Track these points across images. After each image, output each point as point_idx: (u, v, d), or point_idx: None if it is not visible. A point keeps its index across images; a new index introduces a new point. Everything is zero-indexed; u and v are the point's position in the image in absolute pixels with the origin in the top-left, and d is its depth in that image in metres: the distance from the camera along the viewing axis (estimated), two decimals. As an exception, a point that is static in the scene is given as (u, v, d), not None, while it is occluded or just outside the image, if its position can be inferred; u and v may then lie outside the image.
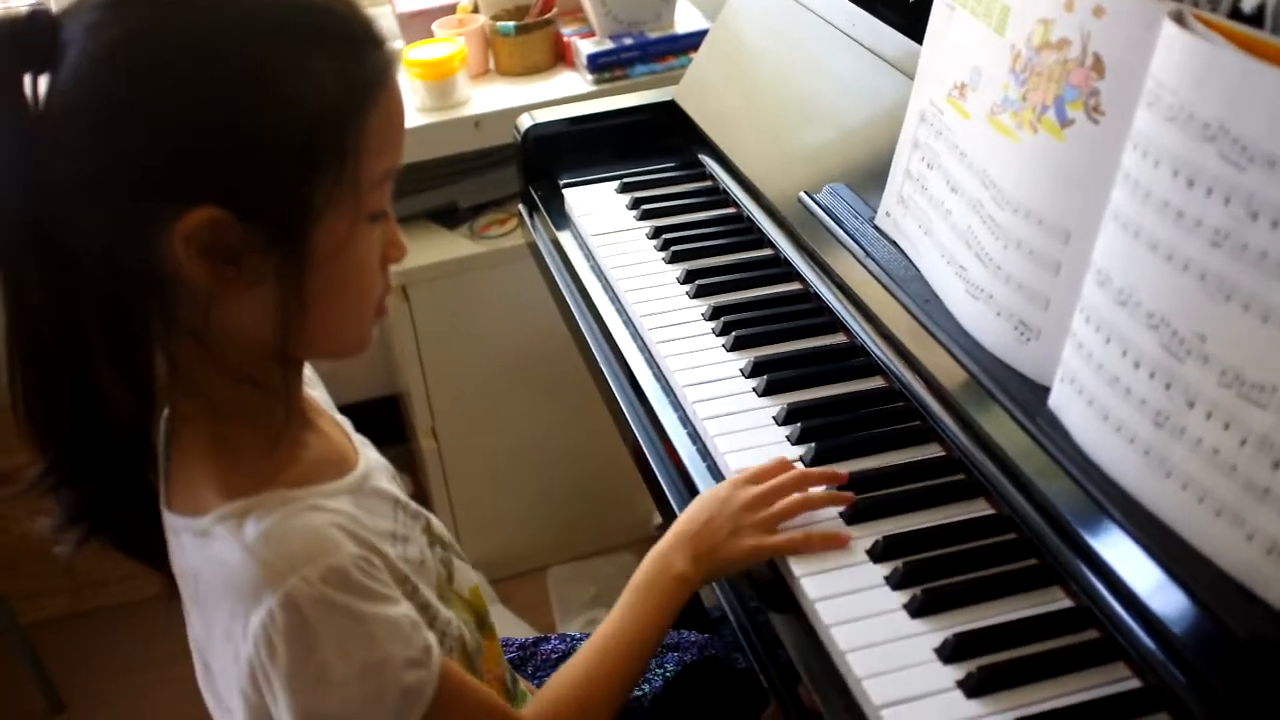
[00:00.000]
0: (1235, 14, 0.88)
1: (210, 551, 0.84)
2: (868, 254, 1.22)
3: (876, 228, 1.25)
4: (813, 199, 1.33)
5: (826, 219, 1.29)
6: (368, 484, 0.93)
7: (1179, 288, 0.83)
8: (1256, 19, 0.85)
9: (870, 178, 1.32)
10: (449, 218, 2.17)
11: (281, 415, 0.88)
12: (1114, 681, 0.87)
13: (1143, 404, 0.86)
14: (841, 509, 1.03)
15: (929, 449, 1.11)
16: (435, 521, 1.02)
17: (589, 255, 1.54)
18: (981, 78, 1.07)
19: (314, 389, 1.02)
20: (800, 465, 1.10)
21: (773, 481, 1.03)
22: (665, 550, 1.02)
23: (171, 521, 0.88)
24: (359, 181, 0.81)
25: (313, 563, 0.80)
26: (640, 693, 1.26)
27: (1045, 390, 0.99)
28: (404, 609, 0.85)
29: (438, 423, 2.18)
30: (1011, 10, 1.03)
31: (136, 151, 0.77)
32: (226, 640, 0.84)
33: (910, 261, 1.19)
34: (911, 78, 1.23)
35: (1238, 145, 0.78)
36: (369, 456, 0.97)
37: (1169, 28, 0.84)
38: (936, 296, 1.13)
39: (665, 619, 1.00)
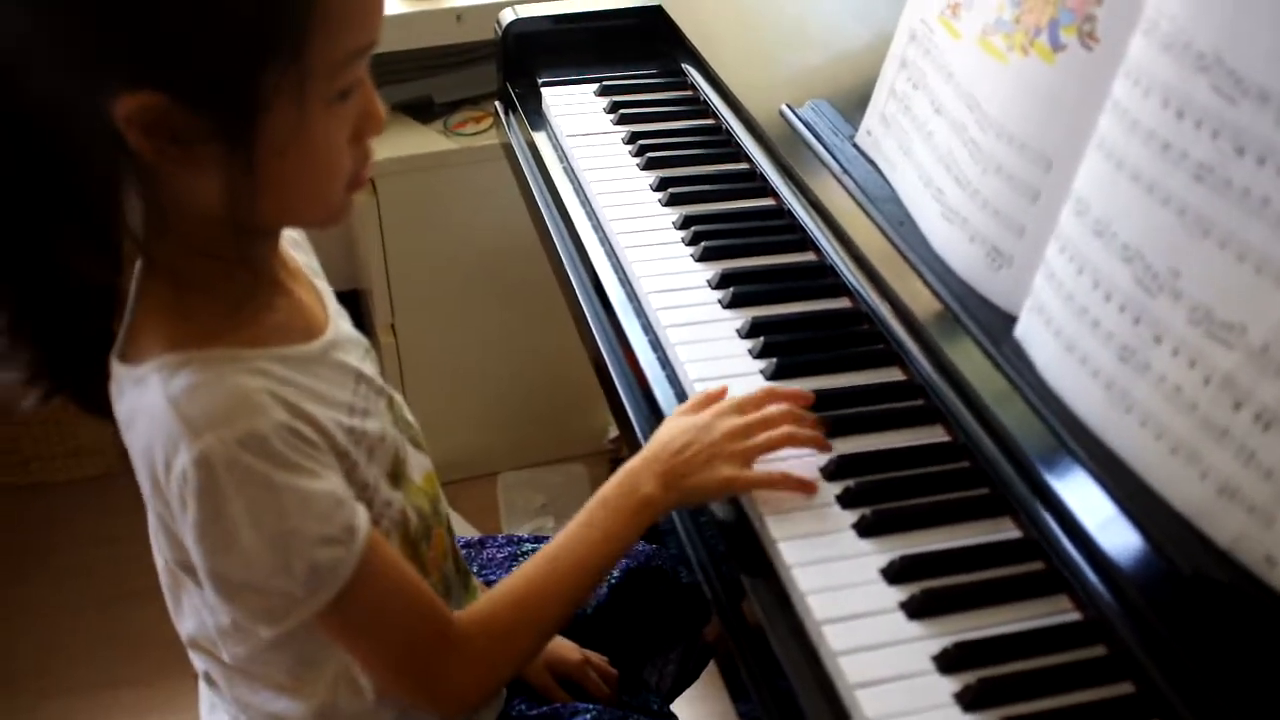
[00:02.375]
0: (1240, -55, 0.85)
1: (142, 400, 0.83)
2: (845, 171, 1.20)
3: (856, 146, 1.23)
4: (794, 113, 1.31)
5: (806, 134, 1.27)
6: (332, 354, 0.91)
7: (1158, 221, 0.81)
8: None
9: (855, 96, 1.29)
10: (423, 112, 2.12)
11: (247, 282, 0.86)
12: (1055, 613, 0.86)
13: (1110, 337, 0.85)
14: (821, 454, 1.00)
15: (890, 372, 1.10)
16: (399, 401, 1.01)
17: (563, 157, 1.51)
18: (976, -3, 1.04)
19: (299, 252, 1.00)
20: (763, 380, 1.09)
21: (757, 414, 0.99)
22: (636, 469, 0.98)
23: (116, 370, 0.87)
24: (315, 67, 0.78)
25: (232, 424, 0.79)
26: (584, 599, 1.26)
27: (1013, 319, 0.98)
28: (327, 484, 0.83)
29: (397, 319, 2.15)
30: (1013, -71, 1.00)
31: (69, 27, 0.74)
32: (155, 489, 0.84)
33: (887, 182, 1.17)
34: (905, -3, 1.20)
35: (1232, 77, 0.76)
36: (341, 327, 0.95)
37: (1172, -47, 0.82)
38: (911, 219, 1.11)
39: (624, 539, 0.96)
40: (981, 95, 1.02)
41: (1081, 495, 0.86)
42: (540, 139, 1.56)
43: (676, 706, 1.31)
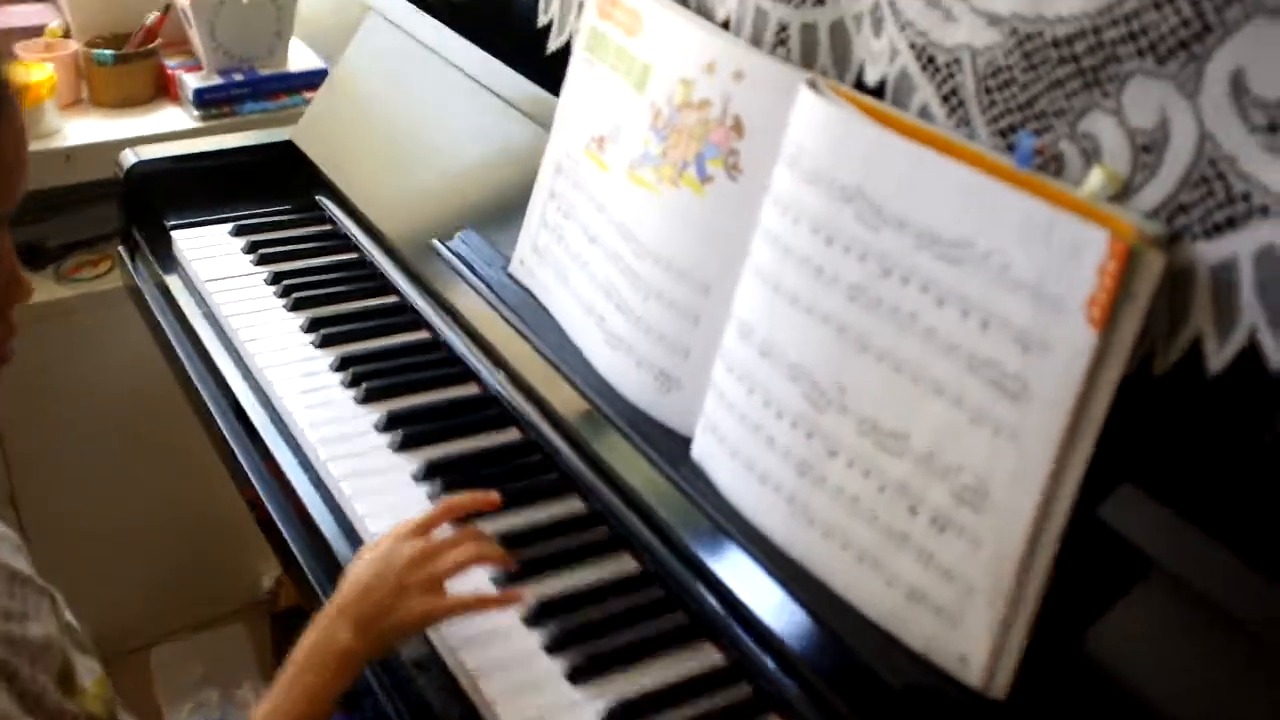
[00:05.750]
0: (859, 85, 0.92)
1: None
2: (502, 301, 1.20)
3: (510, 275, 1.23)
4: (444, 245, 1.30)
5: (459, 265, 1.27)
6: None
7: (819, 340, 0.86)
8: (878, 91, 0.90)
9: (502, 225, 1.30)
10: (34, 257, 1.96)
11: None
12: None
13: (787, 453, 0.89)
14: (501, 570, 0.99)
15: (570, 503, 1.10)
16: (60, 601, 0.91)
17: (201, 301, 1.43)
18: (621, 132, 1.08)
19: None
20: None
21: (437, 537, 0.96)
22: (328, 620, 0.91)
23: None
24: None
25: None
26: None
27: (688, 440, 1.00)
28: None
29: (18, 489, 1.96)
30: (653, 69, 1.04)
31: None
32: None
33: (545, 310, 1.18)
34: (544, 126, 1.23)
35: (872, 207, 0.82)
36: None
37: (806, 95, 0.88)
38: (574, 346, 1.12)
39: (329, 696, 0.89)
40: (635, 225, 1.05)
41: (779, 613, 0.88)
42: (174, 282, 1.48)
43: None
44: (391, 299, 1.40)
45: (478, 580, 0.99)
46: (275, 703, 0.89)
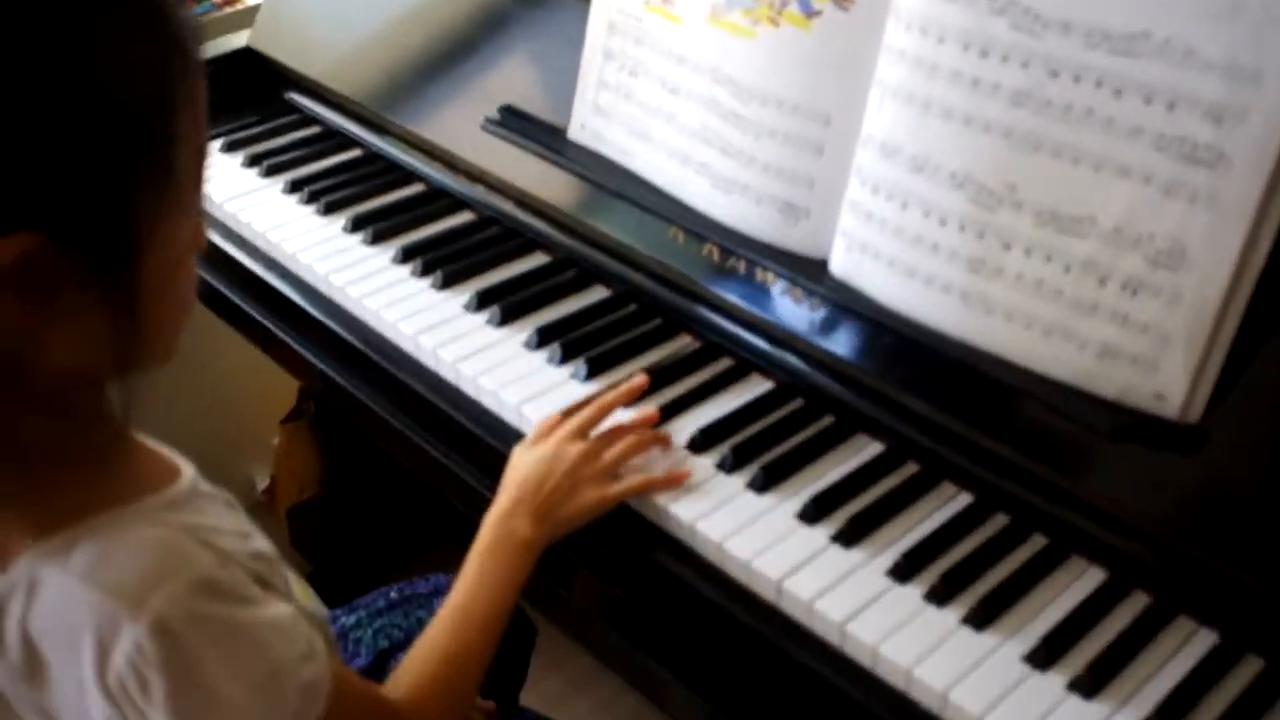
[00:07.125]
0: (958, -100, 0.98)
1: (38, 602, 0.71)
2: (575, 164, 1.23)
3: (571, 141, 1.26)
4: (489, 122, 1.31)
5: (516, 138, 1.28)
6: (201, 485, 0.81)
7: (981, 147, 0.93)
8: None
9: (529, 91, 1.32)
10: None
11: (107, 436, 0.75)
12: (948, 503, 0.98)
13: (954, 255, 0.97)
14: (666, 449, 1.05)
15: (682, 341, 1.17)
16: None
17: (217, 224, 1.40)
18: (692, -19, 1.11)
19: None
20: (578, 385, 1.12)
21: (600, 433, 1.04)
22: (503, 515, 0.98)
23: None
24: (185, 166, 0.70)
25: (174, 577, 0.71)
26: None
27: (820, 263, 1.07)
28: (281, 606, 0.77)
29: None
30: (725, -88, 1.07)
31: None
32: (80, 695, 0.72)
33: (622, 168, 1.21)
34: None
35: (1030, 15, 0.89)
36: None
37: (927, -85, 0.93)
38: (667, 195, 1.17)
39: (517, 582, 0.97)
40: (731, 70, 1.09)
41: (963, 390, 0.98)
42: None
43: None
44: (418, 187, 1.41)
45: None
46: (473, 586, 0.96)
